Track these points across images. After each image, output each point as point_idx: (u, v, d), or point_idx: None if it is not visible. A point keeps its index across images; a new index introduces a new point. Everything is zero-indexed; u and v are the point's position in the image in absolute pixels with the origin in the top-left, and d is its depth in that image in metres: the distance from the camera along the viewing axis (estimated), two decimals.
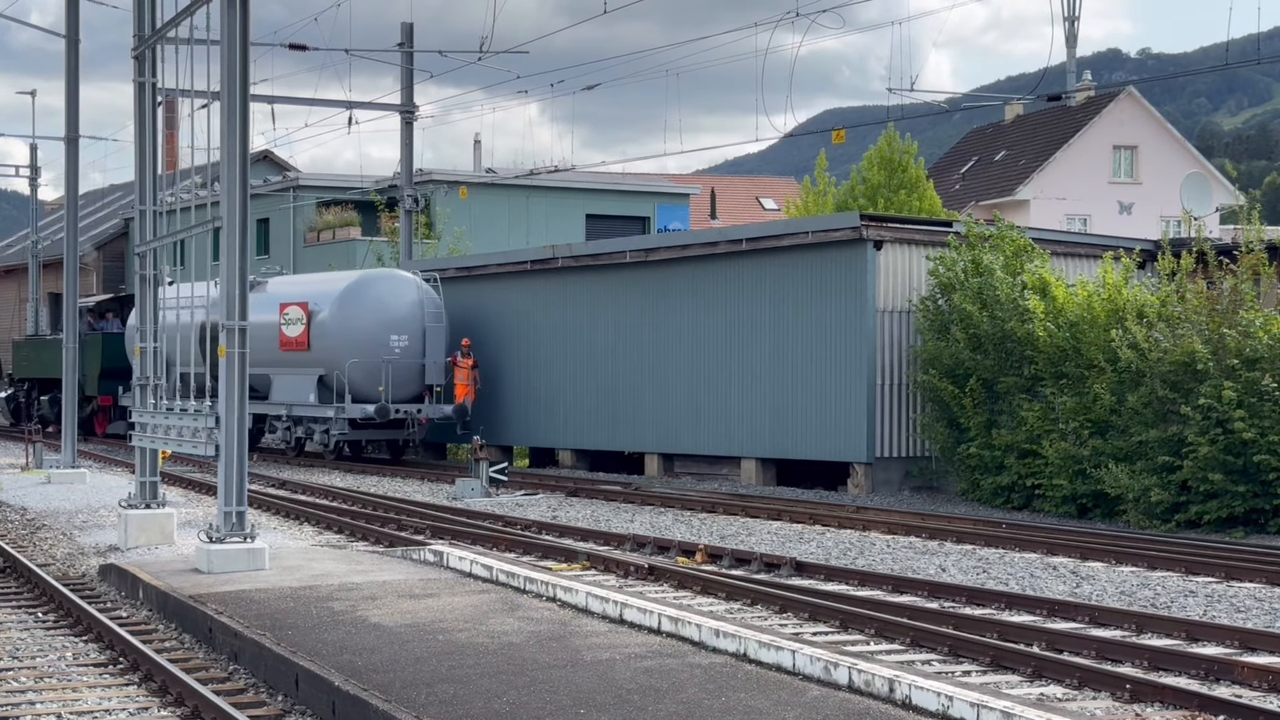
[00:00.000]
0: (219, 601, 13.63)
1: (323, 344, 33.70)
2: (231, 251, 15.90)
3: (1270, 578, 16.42)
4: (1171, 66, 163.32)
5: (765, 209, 74.33)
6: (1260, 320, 22.01)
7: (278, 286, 36.38)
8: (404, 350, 33.45)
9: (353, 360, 32.68)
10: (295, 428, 34.95)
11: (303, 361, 34.21)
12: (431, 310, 34.11)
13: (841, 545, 19.79)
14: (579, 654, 11.29)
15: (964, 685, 10.11)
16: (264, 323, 34.05)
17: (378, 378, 32.89)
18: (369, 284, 34.26)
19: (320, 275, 38.74)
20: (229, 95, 15.82)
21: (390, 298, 33.90)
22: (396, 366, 33.19)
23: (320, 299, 34.24)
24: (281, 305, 34.60)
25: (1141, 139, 62.48)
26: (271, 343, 34.40)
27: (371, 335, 33.18)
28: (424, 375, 33.91)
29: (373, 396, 32.92)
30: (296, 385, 34.42)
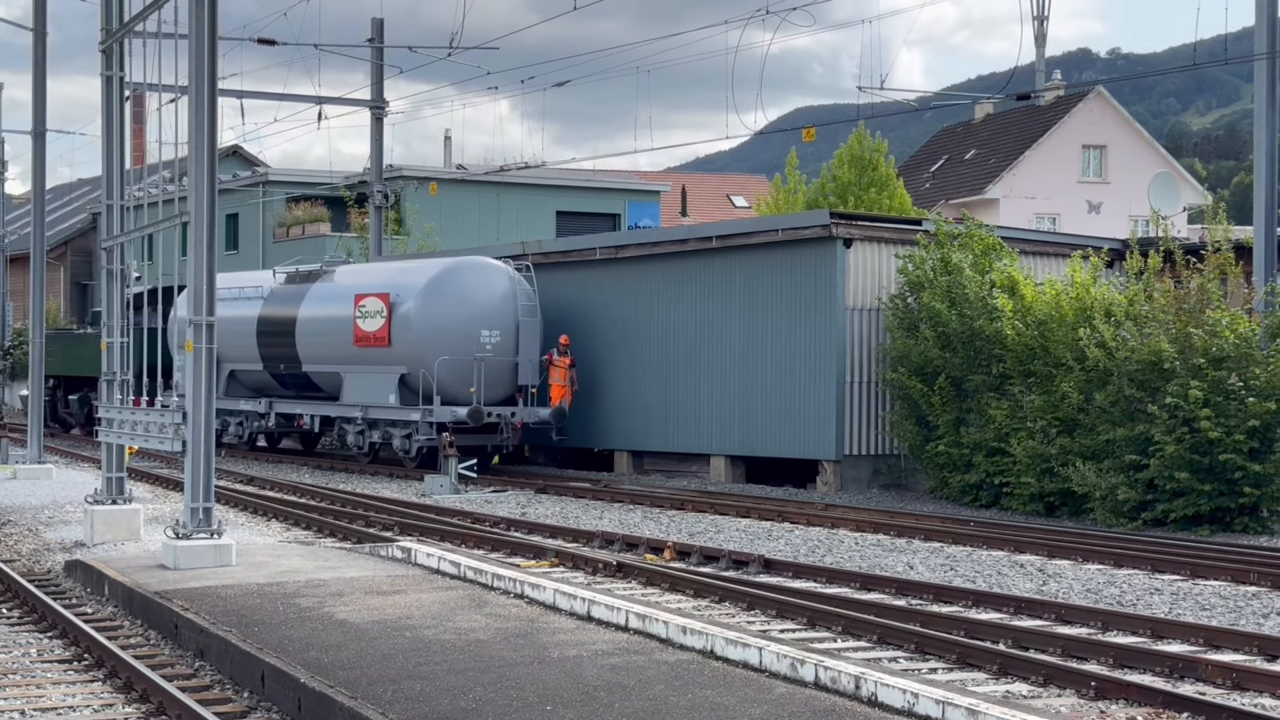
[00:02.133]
0: (185, 597, 13.58)
1: (406, 339, 30.47)
2: (199, 247, 15.84)
3: (1235, 576, 16.52)
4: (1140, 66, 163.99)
5: (736, 206, 74.40)
6: (1226, 320, 22.11)
7: (349, 276, 33.57)
8: (495, 347, 30.37)
9: (443, 358, 29.53)
10: (370, 431, 31.77)
11: (382, 359, 31.06)
12: (525, 303, 30.92)
13: (810, 543, 19.83)
14: (546, 651, 11.28)
15: (930, 682, 10.14)
16: (334, 316, 32.31)
17: (468, 378, 29.79)
18: (457, 273, 30.95)
19: (398, 263, 35.15)
20: (197, 90, 15.76)
21: (480, 289, 30.74)
22: (489, 365, 30.08)
23: (403, 290, 30.88)
24: (357, 296, 31.55)
25: (1110, 139, 62.74)
26: (343, 337, 31.79)
27: (462, 330, 30.07)
28: (517, 375, 30.79)
29: (462, 398, 29.76)
30: (374, 385, 31.27)
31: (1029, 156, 61.39)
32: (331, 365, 32.44)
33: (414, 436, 30.28)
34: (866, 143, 49.41)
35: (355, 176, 48.60)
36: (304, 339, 33.11)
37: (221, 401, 33.96)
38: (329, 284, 33.30)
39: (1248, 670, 11.45)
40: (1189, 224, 53.26)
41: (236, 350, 34.88)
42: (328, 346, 32.46)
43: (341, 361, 32.12)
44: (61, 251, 70.18)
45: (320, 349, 32.69)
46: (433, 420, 29.64)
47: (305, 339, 33.09)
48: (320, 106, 39.77)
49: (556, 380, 30.66)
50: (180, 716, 10.26)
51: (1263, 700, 10.86)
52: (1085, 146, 62.20)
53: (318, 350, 32.79)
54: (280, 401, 34.66)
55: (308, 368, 33.32)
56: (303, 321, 33.20)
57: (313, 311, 33.11)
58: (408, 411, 30.31)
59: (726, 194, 77.87)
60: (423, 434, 29.92)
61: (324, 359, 32.67)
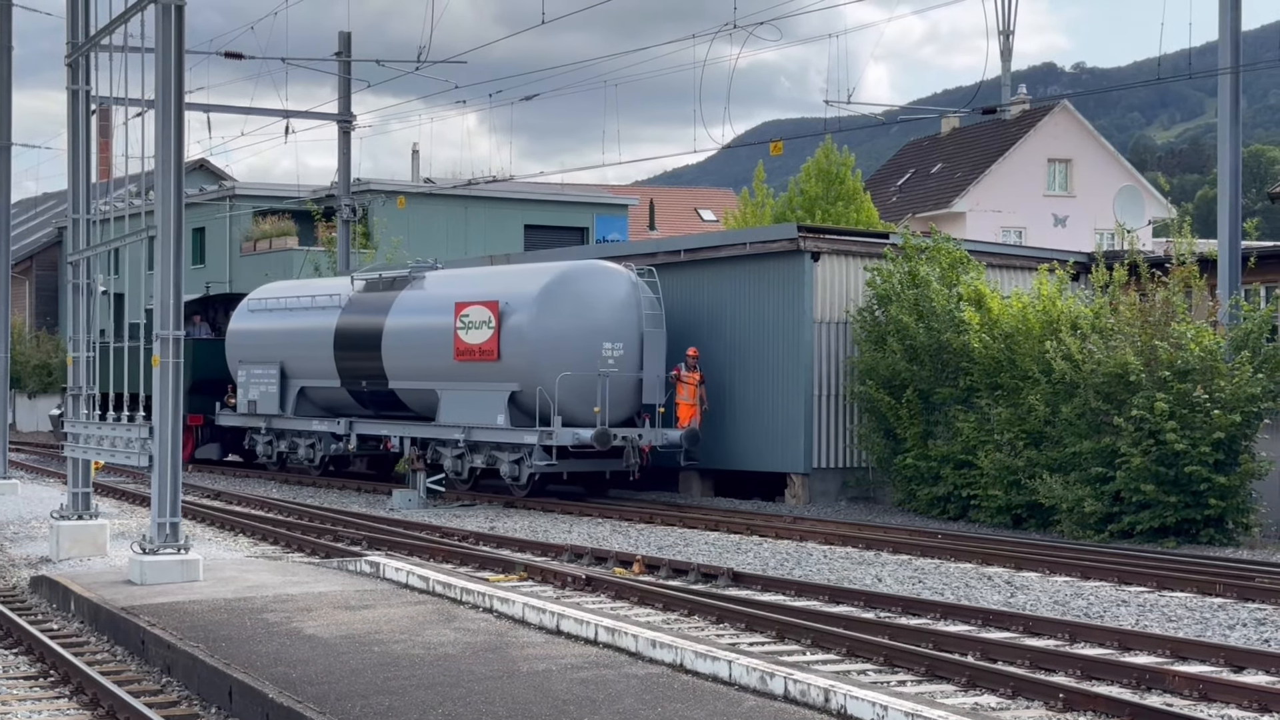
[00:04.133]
0: (152, 613, 13.51)
1: (519, 353, 27.10)
2: (166, 261, 15.77)
3: (1201, 587, 16.60)
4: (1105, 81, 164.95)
5: (704, 220, 74.50)
6: (1192, 332, 22.25)
7: (443, 283, 30.12)
8: (618, 361, 27.14)
9: (564, 374, 26.39)
10: (471, 455, 28.27)
11: (489, 374, 27.62)
12: (649, 312, 27.62)
13: (779, 556, 19.84)
14: (515, 665, 11.26)
15: (899, 695, 10.15)
16: (429, 327, 29.06)
17: (591, 396, 26.62)
18: (574, 278, 27.63)
19: (502, 269, 31.57)
20: (164, 103, 15.70)
21: (599, 296, 27.41)
22: (612, 382, 26.92)
23: (514, 297, 27.49)
24: (458, 305, 28.18)
25: (1076, 152, 63.07)
26: (440, 350, 28.49)
27: (582, 343, 26.86)
28: (640, 393, 27.52)
29: (581, 419, 26.59)
30: (479, 404, 27.85)
31: (995, 170, 61.66)
32: (425, 382, 29.26)
33: (526, 462, 26.98)
34: (834, 156, 49.54)
35: (322, 190, 48.53)
36: (392, 353, 29.94)
37: (290, 421, 33.14)
38: (419, 292, 30.15)
39: (1215, 681, 11.50)
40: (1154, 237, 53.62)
41: (308, 365, 32.63)
42: (421, 361, 29.28)
43: (438, 378, 28.87)
44: (27, 265, 69.83)
45: (411, 364, 29.61)
46: (552, 444, 26.32)
47: (393, 353, 29.92)
48: (287, 120, 39.76)
49: (685, 398, 27.65)
50: None
51: (1230, 712, 10.91)
52: (1051, 160, 62.51)
53: (408, 365, 29.69)
54: (362, 422, 31.49)
55: (395, 384, 30.13)
56: (390, 333, 30.01)
57: (402, 322, 29.92)
58: (520, 434, 26.92)
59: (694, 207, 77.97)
60: (539, 459, 26.49)
61: (416, 375, 29.58)
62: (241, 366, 34.64)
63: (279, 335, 33.44)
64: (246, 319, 35.18)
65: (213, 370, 35.99)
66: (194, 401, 35.64)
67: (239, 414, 35.04)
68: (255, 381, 34.09)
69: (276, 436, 34.08)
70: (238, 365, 34.76)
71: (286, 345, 33.07)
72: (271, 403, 33.60)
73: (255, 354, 34.24)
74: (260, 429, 34.34)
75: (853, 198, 49.00)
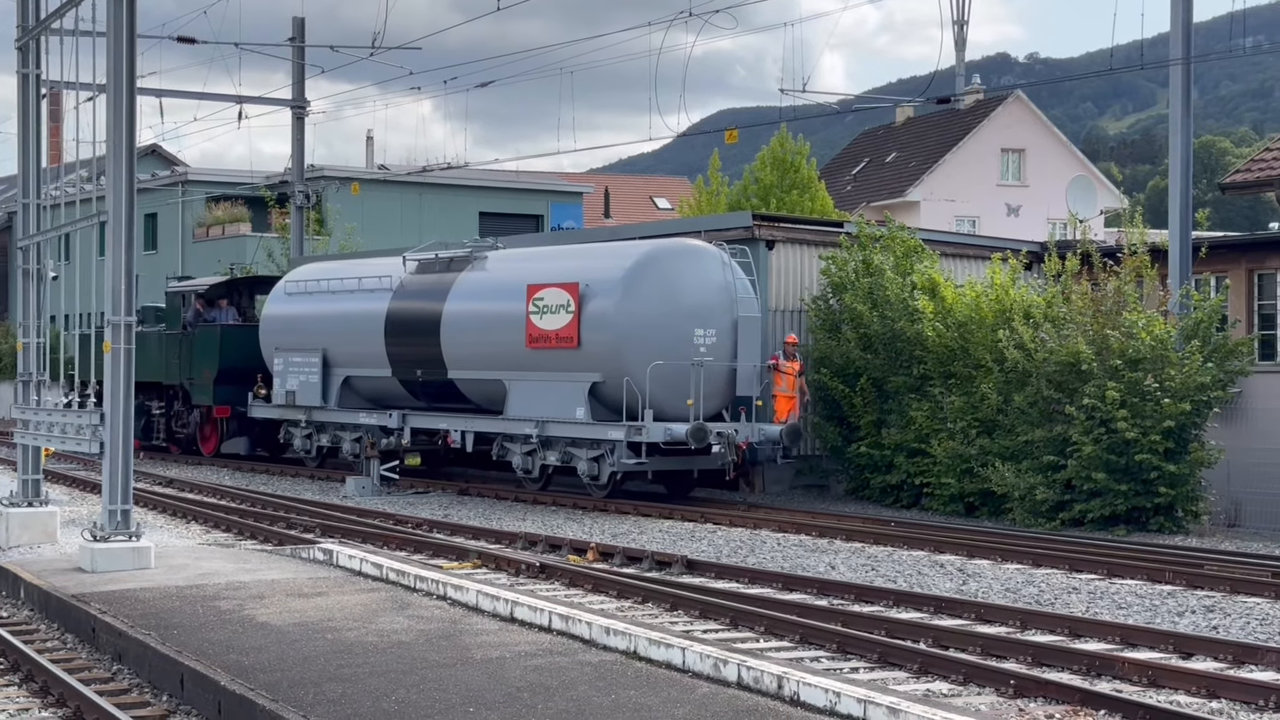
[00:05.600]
0: (103, 601, 13.44)
1: (602, 340, 24.56)
2: (118, 247, 15.65)
3: (1151, 574, 16.73)
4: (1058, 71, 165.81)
5: (659, 208, 74.52)
6: (1143, 321, 22.40)
7: (510, 263, 27.64)
8: (710, 349, 24.64)
9: (655, 363, 23.90)
10: (545, 452, 25.81)
11: (567, 364, 25.17)
12: (743, 295, 25.16)
13: (732, 544, 19.89)
14: (469, 652, 11.26)
15: (852, 682, 10.21)
16: (496, 312, 26.46)
17: (682, 388, 24.12)
18: (662, 258, 25.11)
19: (578, 247, 28.95)
20: (115, 88, 15.59)
21: (689, 277, 24.90)
22: (706, 372, 24.45)
23: (597, 279, 24.95)
24: (530, 288, 25.59)
25: (1029, 142, 63.36)
26: (510, 337, 25.91)
27: (673, 330, 24.39)
28: (733, 384, 25.06)
29: (670, 412, 24.12)
30: (554, 395, 25.39)
31: (949, 160, 61.89)
32: (490, 371, 26.73)
33: (607, 459, 24.60)
34: (789, 145, 49.64)
35: (276, 176, 48.31)
36: (452, 340, 27.36)
37: (334, 414, 30.62)
38: (482, 273, 27.63)
39: (1163, 668, 11.60)
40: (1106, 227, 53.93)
41: (354, 353, 30.12)
42: (487, 349, 26.73)
43: (506, 367, 26.37)
44: None
45: (475, 352, 27.07)
46: (642, 440, 23.94)
47: (454, 340, 27.34)
48: (241, 106, 39.55)
49: (783, 390, 25.30)
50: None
51: (1178, 698, 11.01)
52: (1004, 150, 62.79)
53: (472, 353, 27.14)
54: (416, 414, 28.98)
55: (455, 374, 27.57)
56: (450, 319, 27.41)
57: (464, 307, 27.31)
58: (604, 429, 24.52)
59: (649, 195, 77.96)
60: (625, 457, 24.14)
61: (480, 364, 27.05)
62: (278, 354, 32.00)
63: (321, 320, 30.86)
64: (284, 303, 32.49)
65: (240, 358, 33.51)
66: (220, 392, 33.93)
67: (275, 405, 32.22)
68: (294, 370, 31.50)
69: (317, 430, 31.32)
70: (274, 353, 32.14)
71: (330, 331, 30.58)
72: (313, 393, 30.87)
73: (294, 341, 31.54)
74: (299, 422, 31.59)
75: (808, 186, 49.11)
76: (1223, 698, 10.96)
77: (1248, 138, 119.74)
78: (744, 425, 24.47)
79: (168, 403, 36.18)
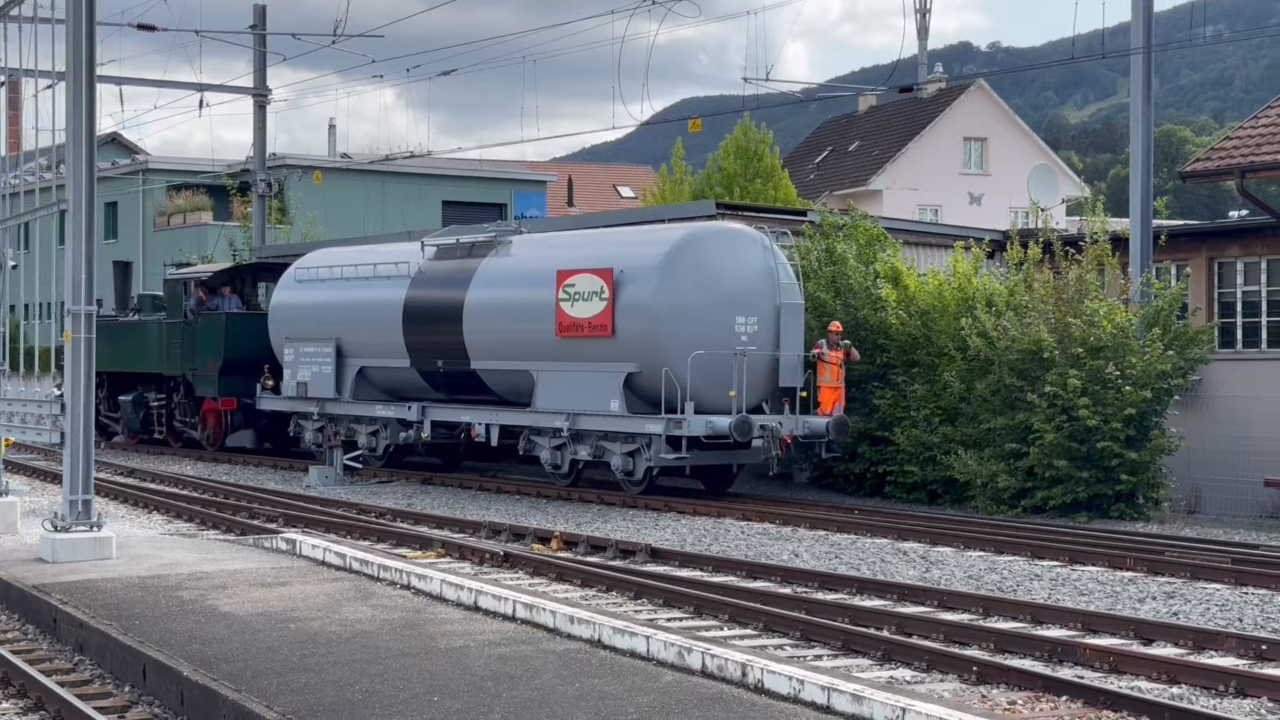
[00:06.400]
0: (64, 591, 13.37)
1: (638, 328, 23.37)
2: (77, 236, 15.56)
3: (1112, 561, 16.83)
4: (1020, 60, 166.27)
5: (622, 197, 74.49)
6: (1104, 310, 22.52)
7: (536, 249, 26.39)
8: (752, 338, 23.48)
9: (696, 353, 22.76)
10: (575, 446, 24.51)
11: (600, 353, 23.91)
12: (785, 281, 24.02)
13: (696, 532, 19.91)
14: (433, 641, 11.25)
15: (815, 669, 10.24)
16: (523, 300, 25.30)
17: (722, 378, 22.97)
18: (700, 242, 23.89)
19: (609, 232, 27.52)
20: (75, 76, 15.50)
21: (730, 262, 23.71)
22: (750, 363, 23.30)
23: (632, 264, 23.72)
24: (560, 274, 24.33)
25: (991, 131, 63.56)
26: (539, 325, 24.68)
27: (714, 317, 23.24)
28: (776, 375, 23.79)
29: (711, 404, 22.87)
30: (586, 387, 24.17)
31: (911, 148, 62.03)
32: (517, 362, 25.47)
33: (644, 454, 23.48)
34: (752, 134, 49.68)
35: (238, 165, 48.08)
36: (476, 328, 26.10)
37: (348, 406, 29.19)
38: (507, 259, 26.38)
39: (1124, 654, 11.68)
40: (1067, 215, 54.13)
41: (369, 343, 28.83)
42: (513, 337, 25.53)
43: (535, 357, 25.12)
44: None
45: (500, 341, 25.89)
46: (682, 434, 22.72)
47: (478, 328, 26.09)
48: (202, 94, 39.31)
49: (827, 380, 24.06)
50: (59, 712, 10.11)
51: (1139, 683, 11.08)
52: (966, 139, 62.97)
53: (497, 342, 25.95)
54: (436, 407, 27.52)
55: (478, 365, 26.29)
56: (473, 307, 26.15)
57: (488, 294, 26.11)
58: (641, 422, 23.30)
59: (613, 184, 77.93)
60: (663, 451, 22.93)
61: (506, 354, 25.85)
62: (289, 344, 30.53)
63: (334, 309, 29.48)
64: (294, 291, 31.12)
65: (246, 348, 32.02)
66: (225, 383, 32.50)
67: (285, 397, 30.78)
68: (306, 361, 30.01)
69: (330, 422, 29.76)
70: (284, 342, 30.69)
71: (344, 320, 29.24)
72: (325, 385, 29.45)
73: (306, 330, 30.09)
74: (311, 414, 30.00)
75: (771, 175, 49.16)
76: (1183, 683, 11.04)
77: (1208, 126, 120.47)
78: (788, 418, 23.30)
79: (168, 395, 34.64)
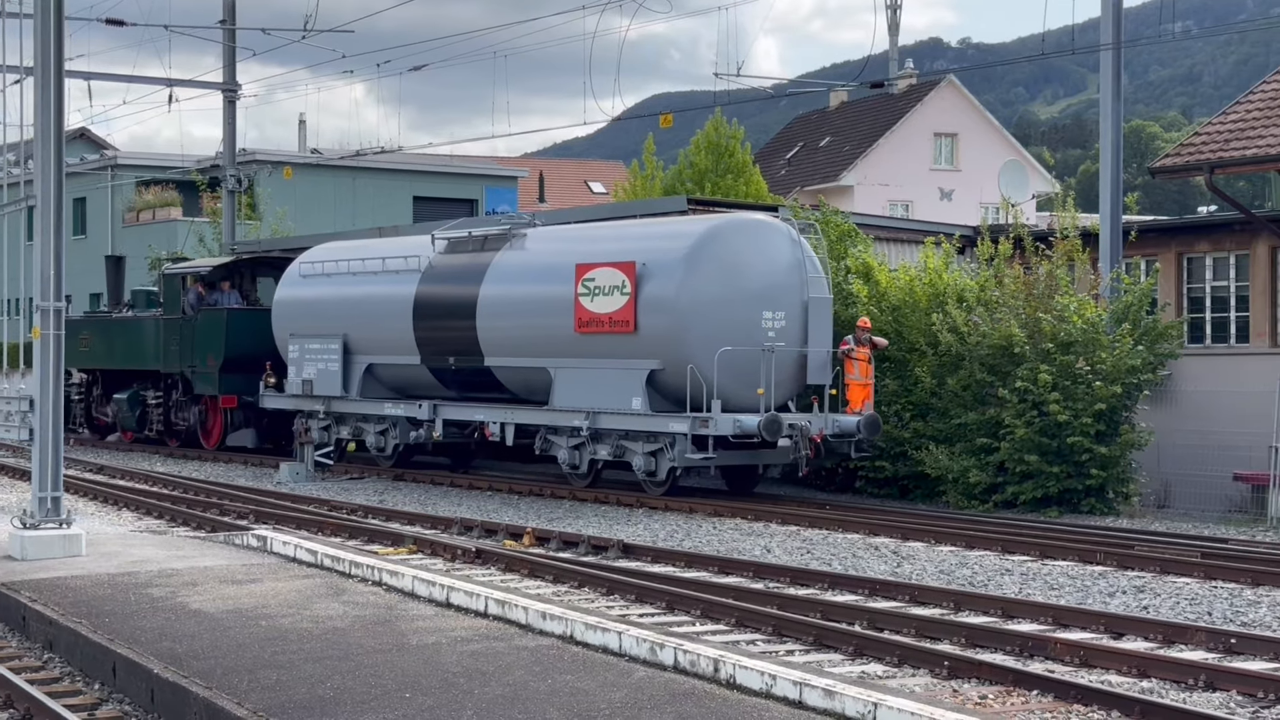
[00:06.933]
0: (33, 589, 13.31)
1: (662, 324, 22.63)
2: (46, 232, 15.48)
3: (1082, 556, 16.91)
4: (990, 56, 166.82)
5: (593, 192, 74.47)
6: (1074, 305, 22.62)
7: (552, 242, 25.66)
8: (780, 334, 22.78)
9: (724, 349, 21.98)
10: (594, 445, 23.82)
11: (621, 349, 23.19)
12: (814, 275, 23.29)
13: (668, 527, 19.93)
14: (405, 638, 11.23)
15: (787, 664, 10.26)
16: (540, 295, 24.59)
17: (749, 376, 22.23)
18: (726, 235, 23.14)
19: (631, 224, 26.53)
20: (43, 70, 15.42)
21: (756, 255, 22.97)
22: (778, 359, 22.59)
23: (655, 258, 22.95)
24: (580, 267, 23.59)
25: (961, 127, 63.73)
26: (556, 321, 23.99)
27: (740, 312, 22.52)
28: (804, 372, 23.13)
29: (737, 402, 22.14)
30: (606, 384, 23.43)
31: (882, 144, 62.16)
32: (534, 359, 24.73)
33: (667, 453, 22.78)
34: (723, 129, 49.71)
35: (207, 160, 47.88)
36: (490, 324, 25.37)
37: (356, 404, 28.49)
38: (522, 252, 25.58)
39: (1095, 648, 11.73)
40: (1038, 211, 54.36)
41: (377, 339, 28.10)
42: (530, 333, 24.82)
43: (552, 354, 24.38)
44: None
45: (516, 337, 25.16)
46: (709, 433, 21.97)
47: (492, 324, 25.36)
48: (171, 89, 39.15)
49: (856, 377, 23.30)
50: (29, 710, 10.07)
51: (1109, 677, 11.12)
52: (937, 135, 63.13)
53: (512, 339, 25.24)
54: (449, 405, 26.81)
55: (492, 362, 25.57)
56: (488, 301, 25.42)
57: (502, 289, 25.38)
58: (665, 421, 22.59)
59: (584, 180, 77.90)
60: (688, 451, 22.22)
61: (521, 350, 25.10)
62: (293, 340, 29.79)
63: (341, 304, 28.75)
64: (298, 286, 30.28)
65: (248, 345, 31.26)
66: (225, 381, 31.71)
67: (289, 395, 30.01)
68: (311, 358, 29.30)
69: (336, 421, 29.08)
70: (288, 339, 29.94)
71: (351, 316, 28.49)
72: (332, 382, 28.72)
73: (311, 326, 29.40)
74: (317, 413, 29.23)
75: (742, 170, 49.21)
76: (1153, 677, 11.08)
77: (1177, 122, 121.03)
78: (816, 416, 22.62)
79: (165, 392, 33.92)
